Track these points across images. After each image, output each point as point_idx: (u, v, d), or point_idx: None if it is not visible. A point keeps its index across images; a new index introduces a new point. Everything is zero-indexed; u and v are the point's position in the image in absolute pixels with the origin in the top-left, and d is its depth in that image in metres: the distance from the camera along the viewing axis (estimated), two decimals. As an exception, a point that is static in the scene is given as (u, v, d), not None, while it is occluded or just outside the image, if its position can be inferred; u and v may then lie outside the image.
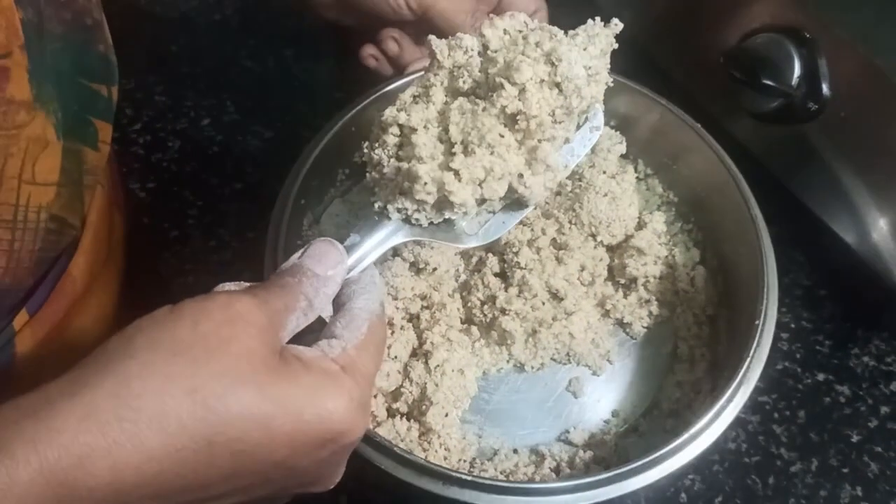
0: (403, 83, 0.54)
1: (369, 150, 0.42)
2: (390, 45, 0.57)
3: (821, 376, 0.58)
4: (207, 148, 0.67)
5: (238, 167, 0.66)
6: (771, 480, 0.54)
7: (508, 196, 0.41)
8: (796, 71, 0.53)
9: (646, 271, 0.54)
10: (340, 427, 0.32)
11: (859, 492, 0.54)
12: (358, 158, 0.52)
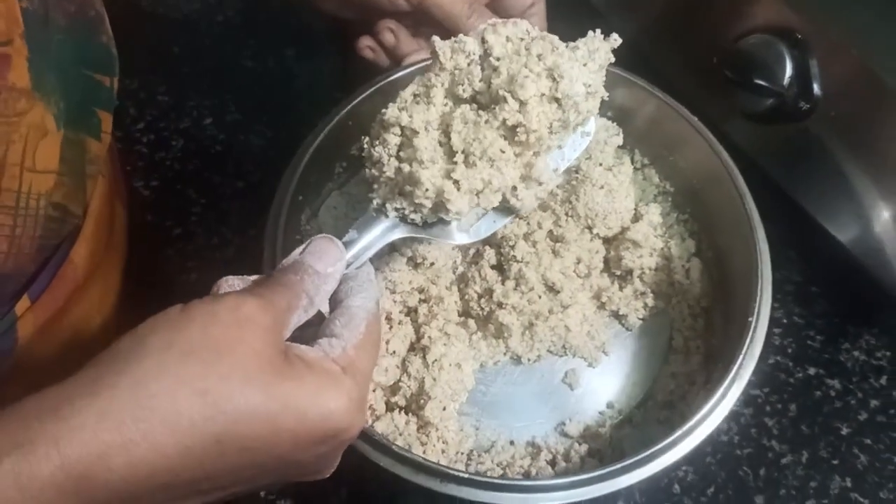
0: (400, 76, 0.54)
1: (370, 146, 0.43)
2: (387, 37, 0.57)
3: (812, 370, 0.59)
4: (210, 147, 0.67)
5: (240, 166, 0.66)
6: (762, 472, 0.55)
7: (500, 205, 0.43)
8: (788, 71, 0.53)
9: (641, 263, 0.55)
10: (340, 425, 0.34)
11: (849, 483, 0.55)
12: (356, 151, 0.53)
